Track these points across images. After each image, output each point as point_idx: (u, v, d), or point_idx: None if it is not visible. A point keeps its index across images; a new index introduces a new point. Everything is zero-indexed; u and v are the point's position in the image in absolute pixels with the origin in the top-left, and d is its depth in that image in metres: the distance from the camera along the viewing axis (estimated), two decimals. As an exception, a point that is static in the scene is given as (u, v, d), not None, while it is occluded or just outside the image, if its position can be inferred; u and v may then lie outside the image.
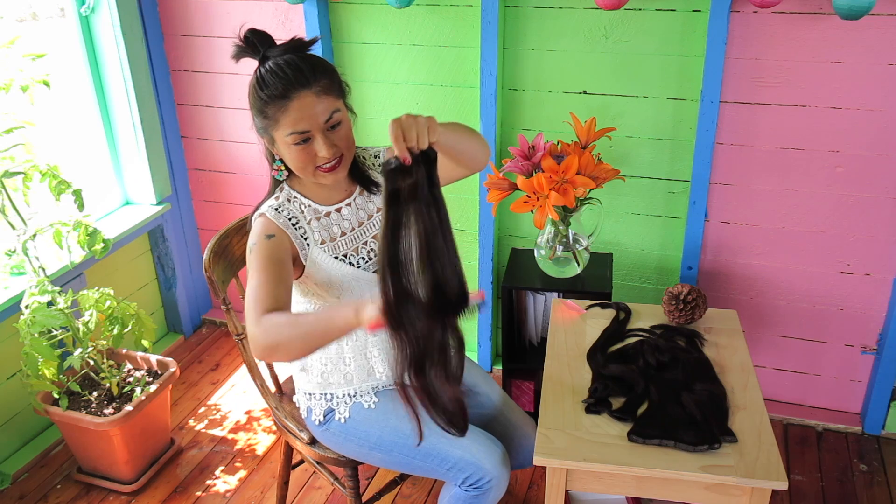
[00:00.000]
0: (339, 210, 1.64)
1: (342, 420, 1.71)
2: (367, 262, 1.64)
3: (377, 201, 1.68)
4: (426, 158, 1.33)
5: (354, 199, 1.66)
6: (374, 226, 1.66)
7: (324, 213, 1.62)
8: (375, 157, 1.72)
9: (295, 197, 1.61)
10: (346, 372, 1.70)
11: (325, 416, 1.73)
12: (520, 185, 2.11)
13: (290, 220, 1.57)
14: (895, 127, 2.14)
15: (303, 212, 1.60)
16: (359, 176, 1.67)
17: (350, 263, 1.62)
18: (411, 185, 1.29)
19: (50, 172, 2.11)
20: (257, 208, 1.62)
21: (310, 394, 1.75)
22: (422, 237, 1.27)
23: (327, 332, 1.34)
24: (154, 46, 2.71)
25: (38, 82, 2.09)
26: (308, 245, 1.58)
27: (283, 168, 1.60)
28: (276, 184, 1.64)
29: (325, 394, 1.72)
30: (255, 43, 1.49)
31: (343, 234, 1.63)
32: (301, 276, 1.61)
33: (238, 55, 1.51)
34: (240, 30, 1.49)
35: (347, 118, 1.54)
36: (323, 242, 1.60)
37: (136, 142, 2.70)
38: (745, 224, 2.38)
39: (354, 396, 1.71)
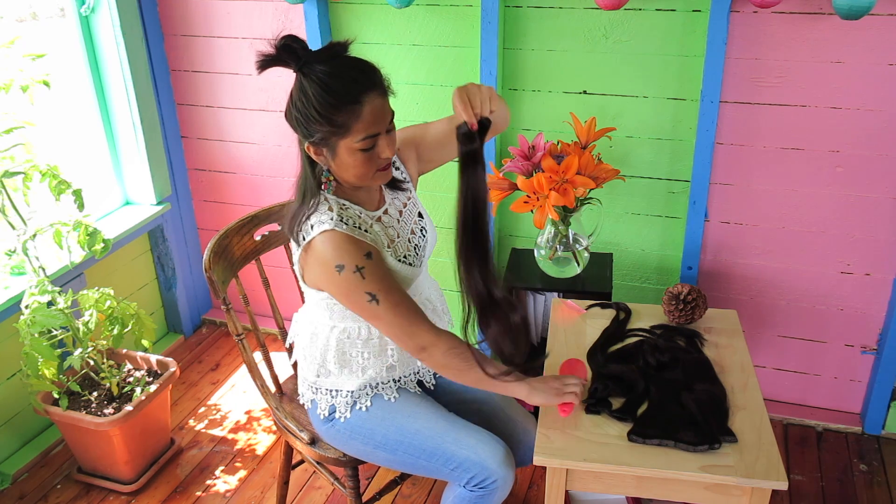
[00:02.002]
0: (386, 212, 1.62)
1: (345, 419, 1.69)
2: (414, 257, 1.64)
3: (402, 196, 1.67)
4: (483, 127, 1.37)
5: (390, 201, 1.65)
6: (407, 221, 1.66)
7: (375, 218, 1.59)
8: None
9: (345, 205, 1.54)
10: (388, 364, 1.67)
11: (329, 413, 1.71)
12: (520, 185, 2.11)
13: (358, 227, 1.52)
14: (895, 127, 2.14)
15: (361, 218, 1.55)
16: None
17: (409, 264, 1.61)
18: (479, 149, 1.38)
19: (50, 172, 2.11)
20: (298, 225, 1.51)
21: (316, 388, 1.72)
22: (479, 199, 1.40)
23: (492, 387, 1.54)
24: (154, 46, 2.71)
25: (38, 82, 2.08)
26: (381, 249, 1.55)
27: (331, 179, 1.53)
28: (310, 197, 1.51)
29: (332, 390, 1.69)
30: (295, 50, 1.37)
31: (398, 235, 1.62)
32: None
33: (268, 64, 1.38)
34: (276, 37, 1.38)
35: None
36: (387, 246, 1.57)
37: (136, 142, 2.70)
38: (745, 224, 2.38)
39: (376, 388, 1.69)
